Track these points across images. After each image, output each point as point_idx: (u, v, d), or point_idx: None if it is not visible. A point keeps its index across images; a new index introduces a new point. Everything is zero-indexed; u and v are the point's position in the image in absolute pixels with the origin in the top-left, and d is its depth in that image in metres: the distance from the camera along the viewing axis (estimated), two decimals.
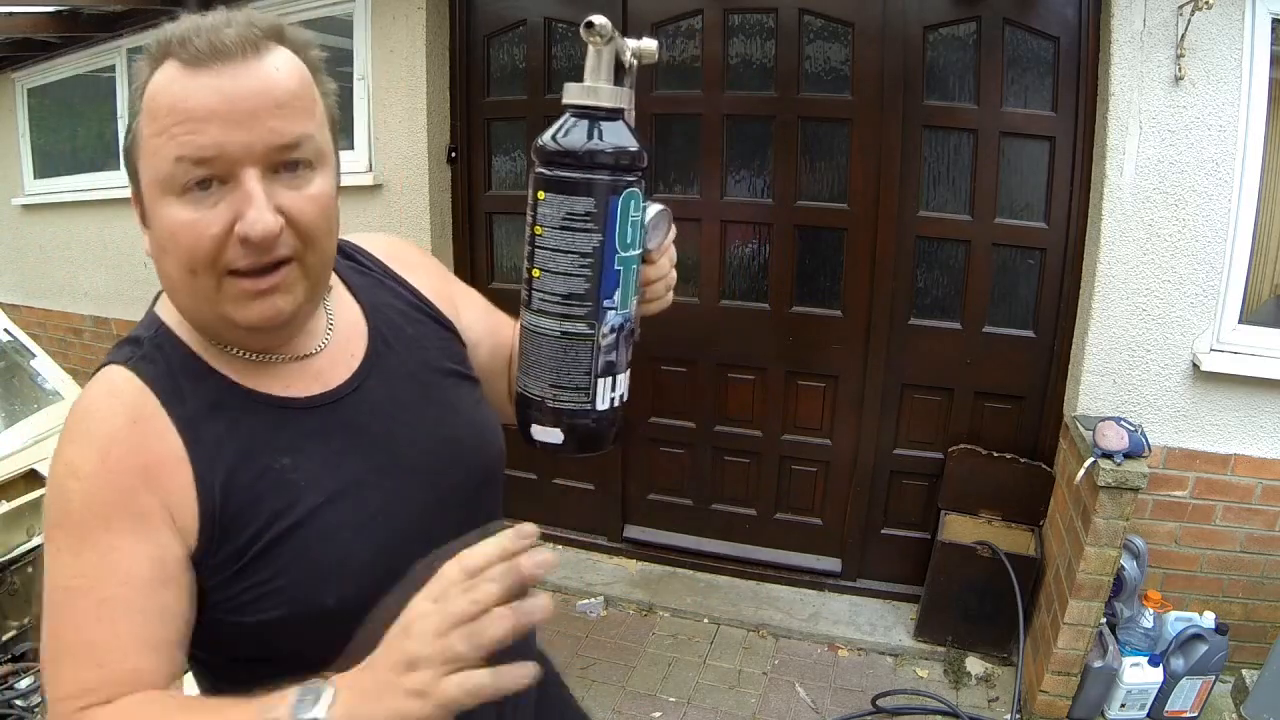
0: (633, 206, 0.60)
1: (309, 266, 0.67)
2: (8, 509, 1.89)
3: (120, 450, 0.64)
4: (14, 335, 2.50)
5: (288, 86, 0.63)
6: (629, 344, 0.64)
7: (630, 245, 0.61)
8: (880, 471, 2.89)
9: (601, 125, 0.61)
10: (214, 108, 0.60)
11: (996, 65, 2.48)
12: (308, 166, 0.65)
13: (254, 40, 0.61)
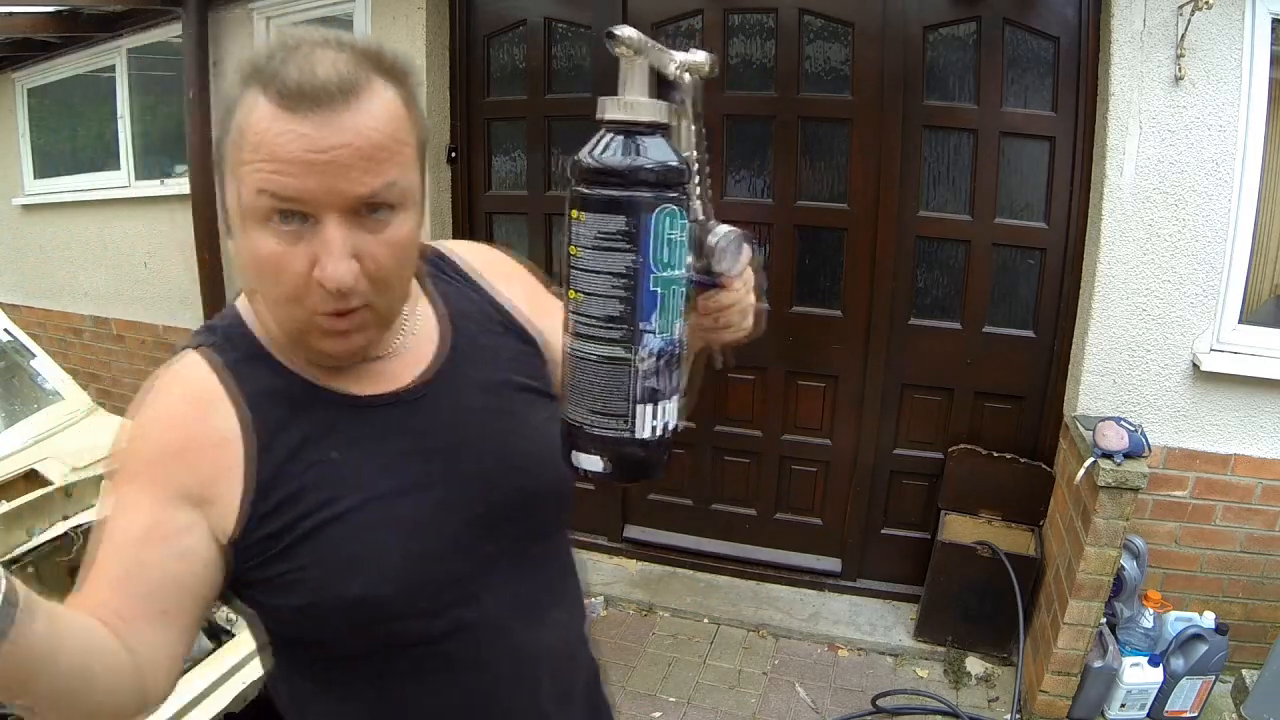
0: (669, 224, 0.57)
1: (379, 310, 0.68)
2: (8, 509, 1.89)
3: (165, 425, 0.69)
4: (14, 335, 2.50)
5: (375, 138, 0.62)
6: (674, 369, 0.61)
7: (670, 265, 0.57)
8: (880, 471, 2.89)
9: (634, 140, 0.58)
10: (299, 157, 0.60)
11: (996, 65, 2.48)
12: (390, 209, 0.65)
13: (349, 82, 0.61)
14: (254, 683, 1.44)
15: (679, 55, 0.64)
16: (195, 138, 3.30)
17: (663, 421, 0.60)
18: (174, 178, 3.70)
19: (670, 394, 0.61)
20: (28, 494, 1.97)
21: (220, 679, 1.42)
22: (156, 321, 3.99)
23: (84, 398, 2.45)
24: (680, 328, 0.60)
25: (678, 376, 0.61)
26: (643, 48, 0.61)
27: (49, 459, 2.15)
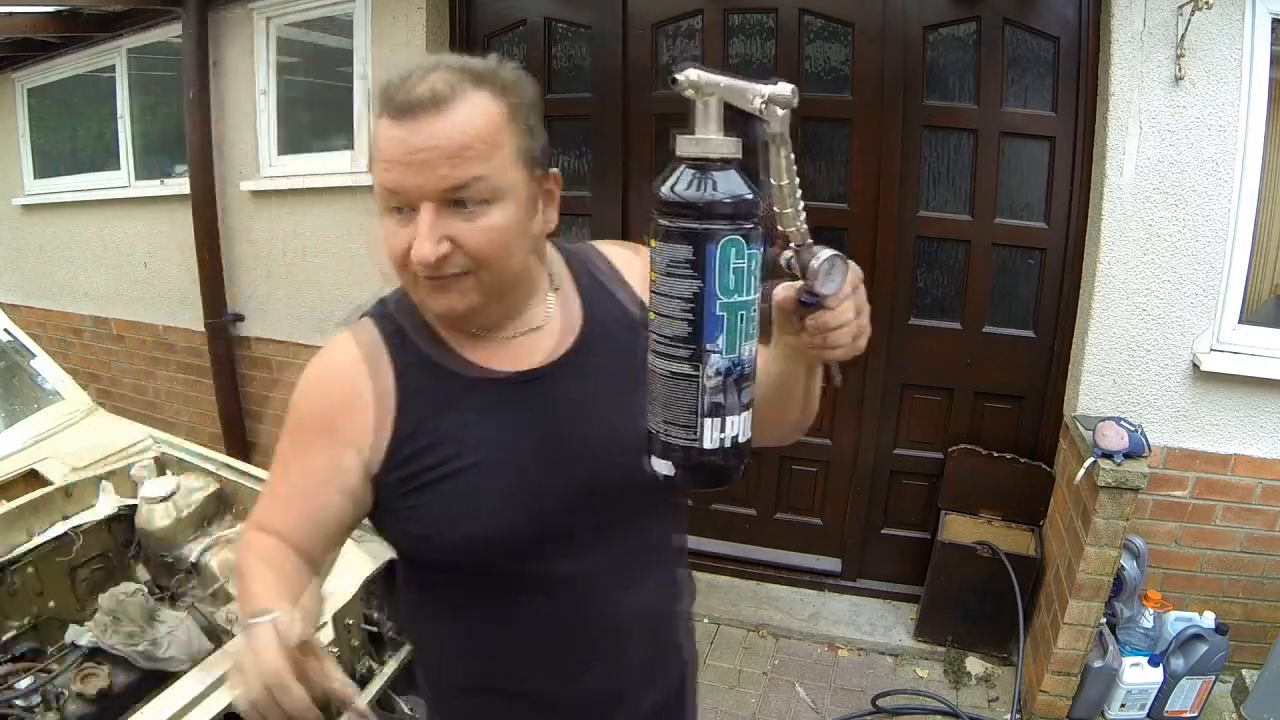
0: (734, 254, 0.61)
1: (483, 280, 0.80)
2: (8, 509, 1.89)
3: (335, 379, 0.87)
4: (14, 335, 2.50)
5: (460, 140, 0.74)
6: (741, 387, 0.65)
7: (735, 291, 0.62)
8: (880, 471, 2.89)
9: (703, 174, 0.63)
10: (398, 157, 0.74)
11: (996, 65, 2.48)
12: (482, 202, 0.76)
13: (440, 96, 0.74)
14: None
15: (763, 88, 0.65)
16: (195, 138, 3.30)
17: (730, 434, 0.66)
18: (174, 178, 3.70)
19: (737, 409, 0.66)
20: (28, 494, 1.97)
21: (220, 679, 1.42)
22: (156, 321, 3.99)
23: (84, 398, 2.45)
24: (749, 349, 0.65)
25: (747, 393, 0.66)
26: (707, 87, 0.64)
27: (49, 459, 2.15)
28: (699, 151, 0.63)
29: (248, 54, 3.29)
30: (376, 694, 1.68)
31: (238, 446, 3.66)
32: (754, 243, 0.62)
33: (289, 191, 3.31)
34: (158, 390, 4.16)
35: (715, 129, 0.64)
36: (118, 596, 1.67)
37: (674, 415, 0.66)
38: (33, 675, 1.62)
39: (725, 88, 0.64)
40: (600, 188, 2.93)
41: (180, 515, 2.01)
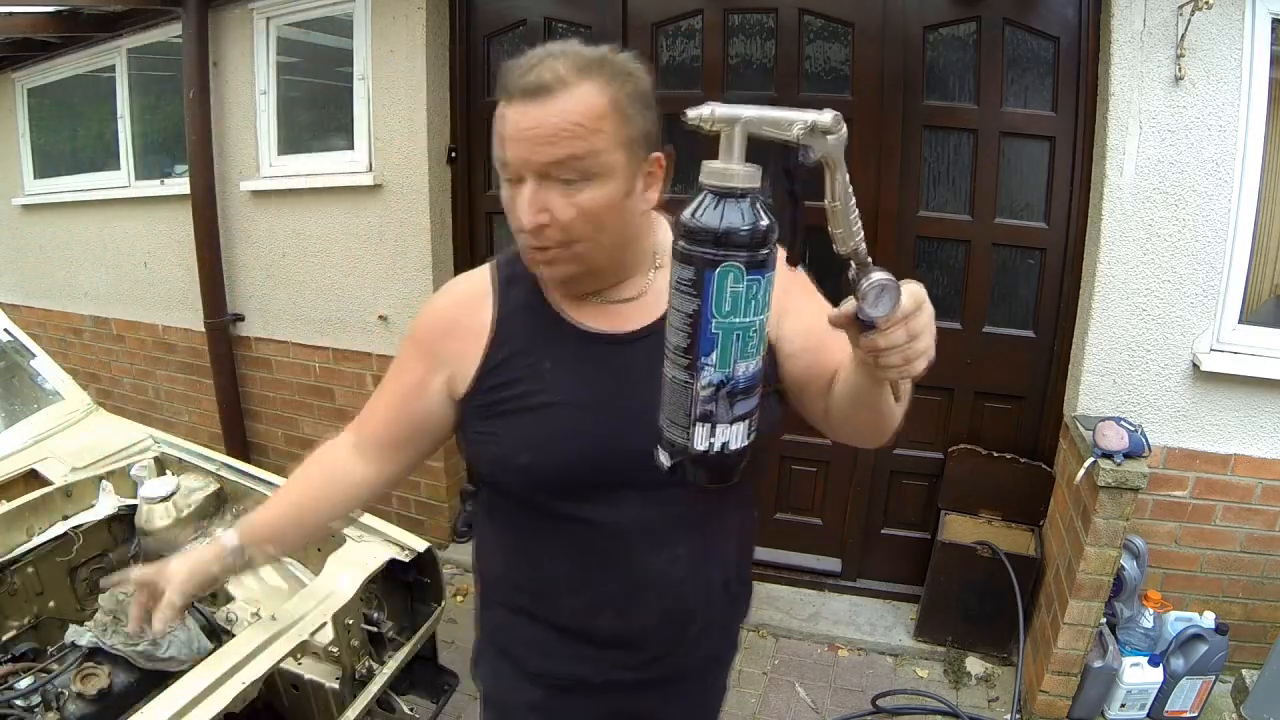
0: (731, 280, 0.65)
1: (576, 253, 0.89)
2: (8, 509, 1.89)
3: (444, 308, 1.03)
4: (14, 335, 2.50)
5: (566, 121, 0.83)
6: (736, 400, 0.69)
7: (732, 313, 0.66)
8: (880, 471, 2.89)
9: (719, 203, 0.67)
10: (510, 134, 0.85)
11: (996, 65, 2.48)
12: (581, 179, 0.85)
13: (550, 82, 0.83)
14: (254, 683, 1.44)
15: (802, 117, 0.69)
16: (195, 138, 3.30)
17: (720, 441, 0.70)
18: (174, 178, 3.69)
19: (727, 419, 0.70)
20: (28, 494, 1.97)
21: (220, 679, 1.42)
22: (156, 321, 3.99)
23: (84, 398, 2.45)
24: (745, 366, 0.69)
25: (742, 406, 0.70)
26: (720, 120, 0.69)
27: (49, 459, 2.15)
28: (712, 181, 0.68)
29: (248, 54, 3.29)
30: (376, 694, 1.69)
31: (238, 446, 3.66)
32: (756, 269, 0.66)
33: (289, 191, 3.31)
34: (157, 390, 4.16)
35: (735, 159, 0.68)
36: (118, 596, 1.67)
37: (673, 415, 0.71)
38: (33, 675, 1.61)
39: (752, 119, 0.69)
40: None
41: (180, 515, 2.01)
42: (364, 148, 3.12)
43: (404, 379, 1.02)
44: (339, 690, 1.66)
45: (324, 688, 1.66)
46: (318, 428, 3.57)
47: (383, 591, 1.84)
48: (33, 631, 1.86)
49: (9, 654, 1.74)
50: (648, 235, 0.97)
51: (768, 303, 0.69)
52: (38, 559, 1.87)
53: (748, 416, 0.71)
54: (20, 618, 1.84)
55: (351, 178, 3.13)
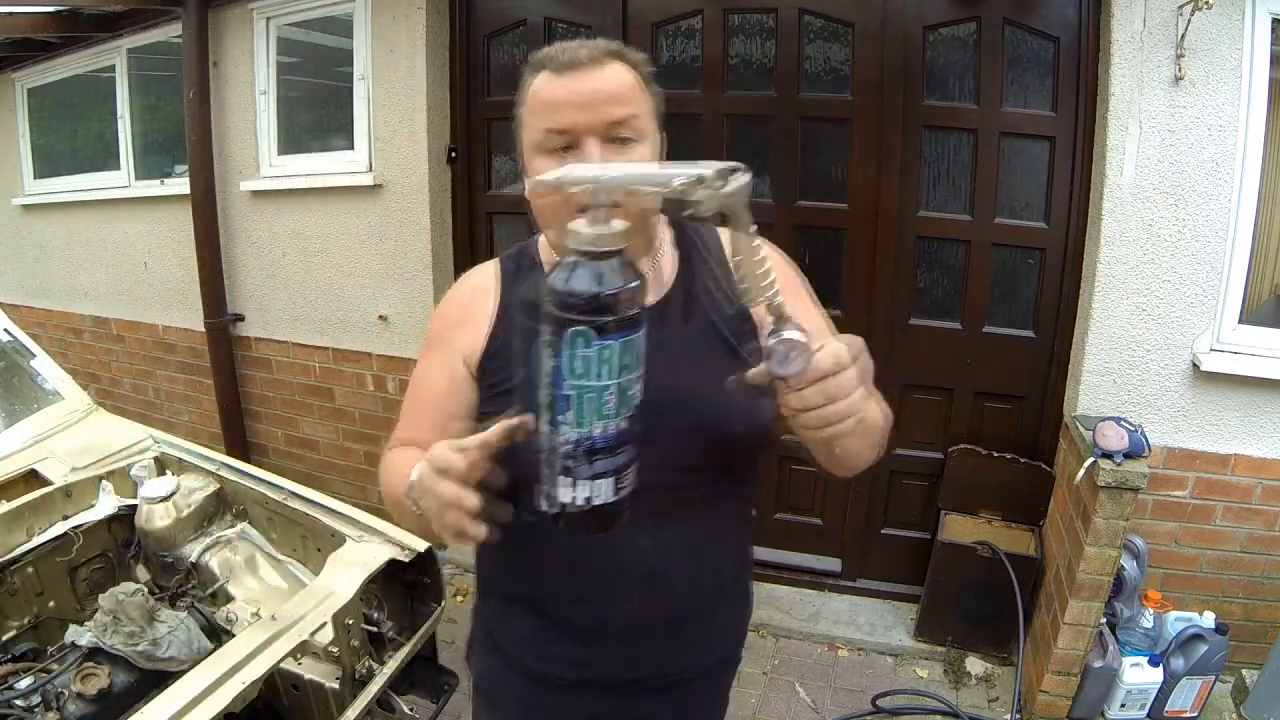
0: (582, 344, 0.65)
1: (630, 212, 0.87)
2: (8, 509, 1.89)
3: (452, 302, 1.07)
4: (14, 335, 2.50)
5: (619, 86, 0.89)
6: (593, 459, 0.69)
7: (584, 376, 0.66)
8: (880, 471, 2.89)
9: (574, 265, 0.67)
10: (568, 99, 0.88)
11: (996, 65, 2.48)
12: (634, 140, 0.90)
13: (598, 57, 0.89)
14: (254, 683, 1.44)
15: (687, 171, 0.68)
16: (195, 138, 3.30)
17: (582, 495, 0.70)
18: (174, 178, 3.69)
19: (589, 475, 0.70)
20: (28, 494, 1.97)
21: (220, 679, 1.42)
22: (156, 321, 3.99)
23: (84, 398, 2.45)
24: (602, 427, 0.68)
25: (603, 464, 0.70)
26: (575, 184, 0.68)
27: (49, 459, 2.15)
28: (571, 241, 0.67)
29: (248, 54, 3.29)
30: (376, 694, 1.69)
31: (238, 446, 3.66)
32: (610, 334, 0.65)
33: (289, 191, 3.31)
34: (157, 390, 4.16)
35: (595, 220, 0.67)
36: (118, 596, 1.67)
37: (545, 464, 0.71)
38: (33, 675, 1.62)
39: (614, 180, 0.68)
40: None
41: (180, 515, 2.01)
42: (364, 148, 3.12)
43: (432, 373, 1.04)
44: (339, 690, 1.66)
45: (324, 688, 1.67)
46: (318, 428, 3.57)
47: (383, 591, 1.84)
48: (33, 631, 1.86)
49: (9, 654, 1.74)
50: (659, 215, 0.98)
51: (630, 365, 0.67)
52: (38, 559, 1.87)
53: (612, 473, 0.70)
54: (20, 618, 1.85)
55: (351, 178, 3.13)
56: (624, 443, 0.70)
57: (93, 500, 2.05)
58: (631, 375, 0.68)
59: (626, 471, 0.71)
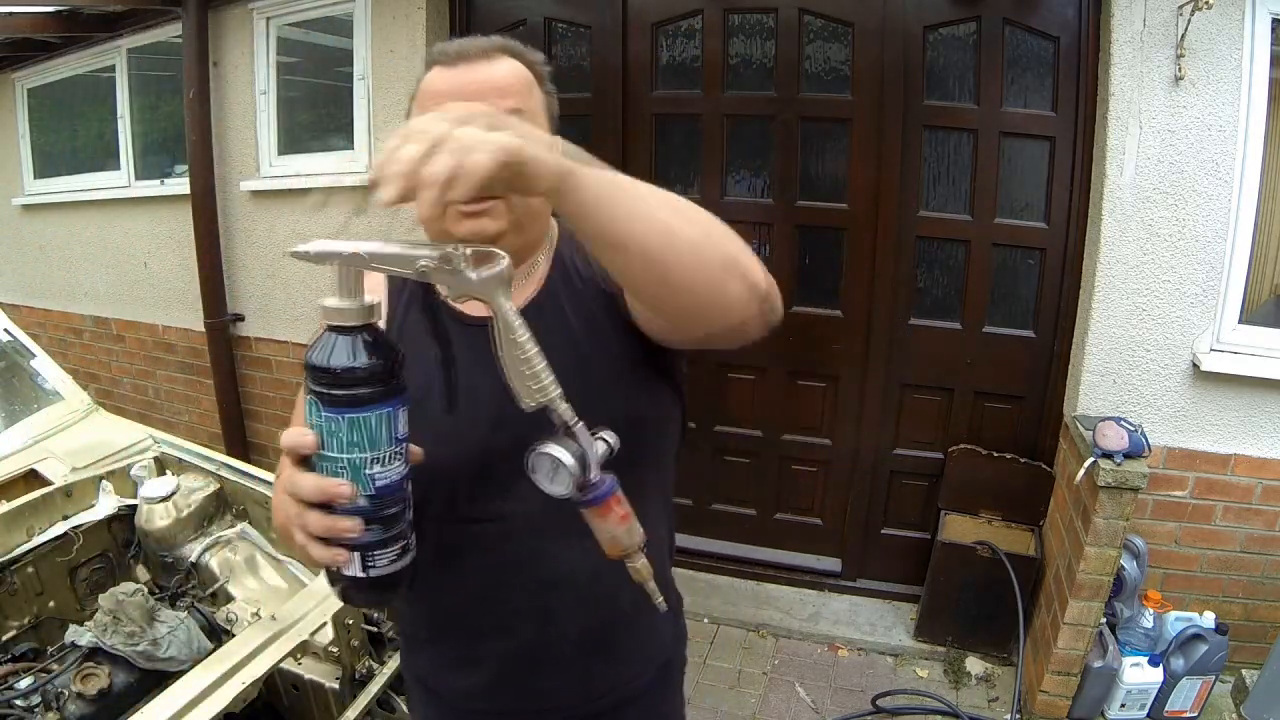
0: (314, 412, 0.65)
1: (513, 204, 0.86)
2: (8, 509, 1.89)
3: None
4: (14, 335, 2.50)
5: (505, 79, 0.87)
6: (369, 526, 0.69)
7: (327, 447, 0.66)
8: (880, 471, 2.89)
9: (321, 336, 0.67)
10: (451, 91, 0.85)
11: (996, 65, 2.48)
12: None
13: (488, 51, 0.88)
14: (254, 683, 1.44)
15: (434, 252, 0.65)
16: (195, 138, 3.30)
17: (372, 565, 0.70)
18: (174, 178, 3.69)
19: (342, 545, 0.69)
20: (28, 494, 1.97)
21: (220, 679, 1.42)
22: (156, 321, 3.99)
23: (84, 398, 2.45)
24: (341, 502, 0.67)
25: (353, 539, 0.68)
26: (318, 258, 0.66)
27: (49, 459, 2.15)
28: (324, 318, 0.67)
29: (248, 54, 3.29)
30: (376, 694, 1.69)
31: (238, 446, 3.66)
32: (336, 407, 0.64)
33: (289, 191, 3.30)
34: (157, 390, 4.16)
35: (340, 294, 0.66)
36: (118, 596, 1.67)
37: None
38: (33, 675, 1.62)
39: (357, 256, 0.66)
40: None
41: (180, 515, 2.01)
42: (364, 147, 3.12)
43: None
44: (339, 690, 1.66)
45: (324, 688, 1.67)
46: None
47: None
48: (33, 631, 1.86)
49: (9, 654, 1.74)
50: (549, 218, 0.96)
51: (360, 443, 0.66)
52: (38, 559, 1.87)
53: (353, 549, 0.69)
54: (20, 618, 1.85)
55: (351, 177, 3.12)
56: (368, 520, 0.68)
57: (93, 500, 2.05)
58: (364, 454, 0.66)
59: (376, 552, 0.69)
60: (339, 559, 0.69)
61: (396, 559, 0.71)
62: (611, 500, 0.73)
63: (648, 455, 0.98)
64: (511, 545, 0.93)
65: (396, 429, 0.67)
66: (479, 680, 0.99)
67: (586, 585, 0.94)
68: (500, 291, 0.66)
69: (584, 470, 0.71)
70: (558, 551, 0.92)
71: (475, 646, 0.98)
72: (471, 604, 0.97)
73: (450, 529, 0.93)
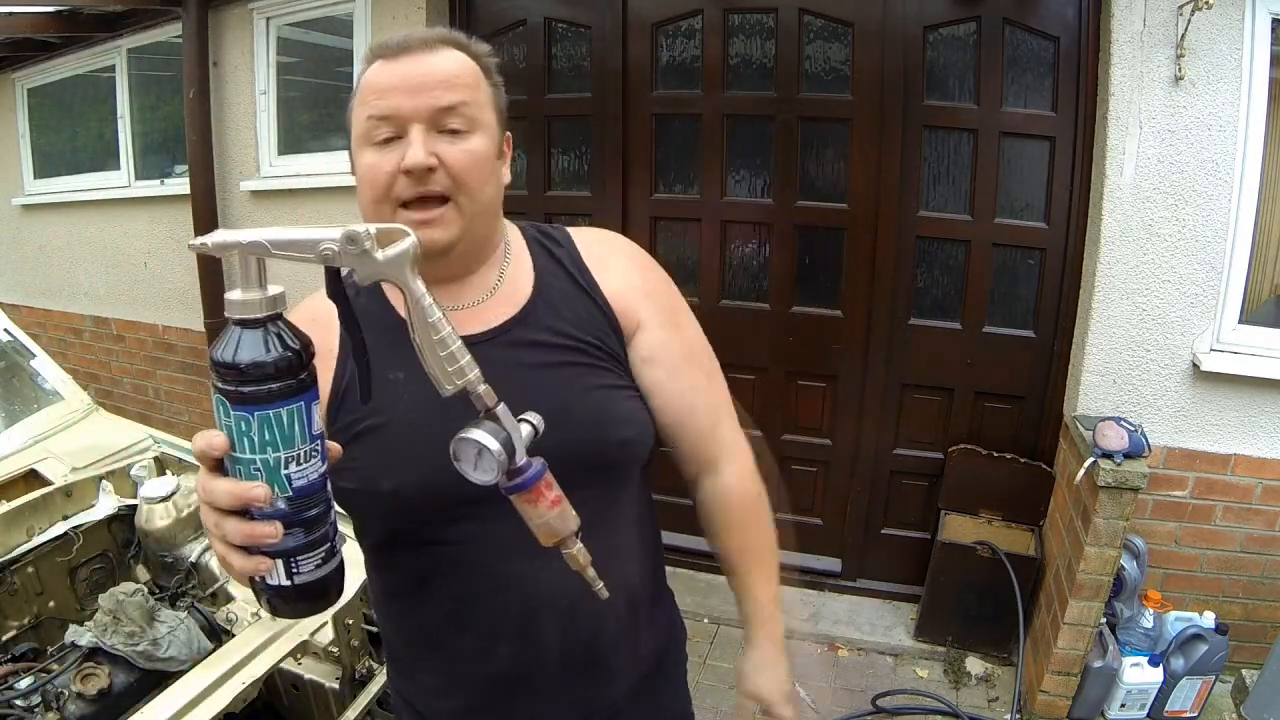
0: (222, 412, 0.62)
1: (462, 207, 0.84)
2: (8, 509, 1.89)
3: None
4: (14, 335, 2.50)
5: (449, 71, 0.84)
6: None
7: (236, 449, 0.62)
8: (880, 471, 2.89)
9: (227, 331, 0.63)
10: (395, 84, 0.82)
11: (996, 65, 2.48)
12: (466, 130, 0.83)
13: (431, 43, 0.84)
14: (254, 683, 1.44)
15: (333, 234, 0.63)
16: (195, 138, 3.30)
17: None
18: (174, 178, 3.70)
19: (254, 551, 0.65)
20: (28, 494, 1.97)
21: (220, 679, 1.42)
22: (156, 321, 3.99)
23: (84, 398, 2.45)
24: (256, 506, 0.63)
25: (267, 545, 0.64)
26: (218, 249, 0.63)
27: (49, 459, 2.15)
28: (226, 311, 0.63)
29: (248, 54, 3.29)
30: (376, 694, 1.69)
31: None
32: (243, 405, 0.61)
33: (289, 191, 3.31)
34: (157, 390, 4.16)
35: (241, 286, 0.63)
36: (118, 596, 1.67)
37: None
38: (33, 675, 1.62)
39: (257, 244, 0.63)
40: (599, 187, 2.93)
41: (180, 515, 2.01)
42: None
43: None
44: (339, 690, 1.66)
45: (324, 688, 1.67)
46: None
47: None
48: (33, 631, 1.86)
49: (9, 654, 1.74)
50: (500, 217, 0.94)
51: (273, 442, 0.62)
52: (38, 559, 1.87)
53: (275, 555, 0.65)
54: (20, 618, 1.84)
55: (351, 177, 3.12)
56: (289, 524, 0.64)
57: (93, 500, 2.05)
58: (278, 454, 0.62)
59: (299, 557, 0.65)
60: (261, 567, 0.64)
61: (322, 563, 0.67)
62: (541, 485, 0.71)
63: (630, 471, 0.97)
64: (483, 568, 0.89)
65: (311, 425, 0.63)
66: (461, 704, 0.96)
67: (568, 609, 0.90)
68: (409, 270, 0.64)
69: (510, 455, 0.68)
70: (533, 574, 0.88)
71: (454, 671, 0.95)
72: (448, 629, 0.93)
73: (420, 553, 0.90)
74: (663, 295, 1.00)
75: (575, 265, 0.96)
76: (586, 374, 0.90)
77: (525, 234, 0.98)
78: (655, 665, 1.07)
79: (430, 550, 0.89)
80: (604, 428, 0.89)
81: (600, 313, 0.93)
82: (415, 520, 0.87)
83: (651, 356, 0.95)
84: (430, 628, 0.94)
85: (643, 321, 0.95)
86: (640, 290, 0.97)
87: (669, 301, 1.00)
